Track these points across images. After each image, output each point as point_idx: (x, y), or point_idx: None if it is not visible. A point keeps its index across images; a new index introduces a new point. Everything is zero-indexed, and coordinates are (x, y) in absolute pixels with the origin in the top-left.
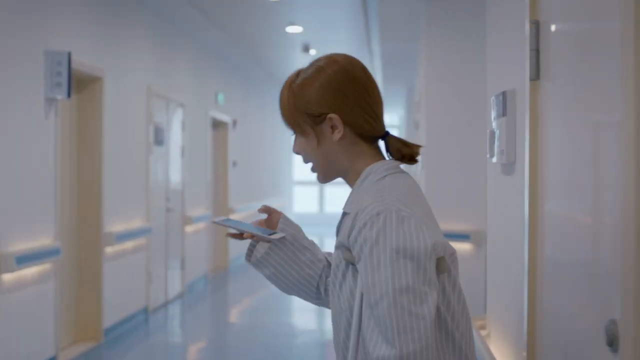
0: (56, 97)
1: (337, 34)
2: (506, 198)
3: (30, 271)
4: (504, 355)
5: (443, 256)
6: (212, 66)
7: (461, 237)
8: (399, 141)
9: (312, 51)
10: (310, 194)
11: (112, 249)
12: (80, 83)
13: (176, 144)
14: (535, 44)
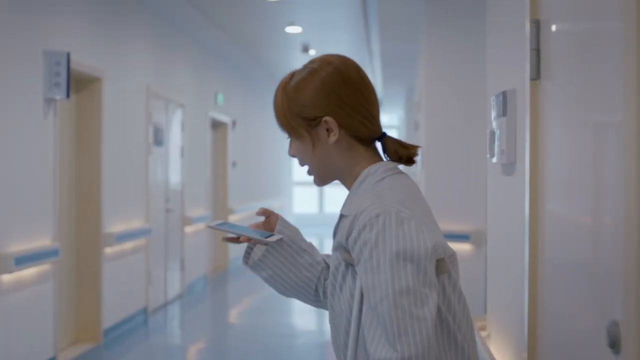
0: (55, 98)
1: (337, 34)
2: (506, 198)
3: (29, 272)
4: (505, 356)
5: (443, 257)
6: (212, 66)
7: (461, 238)
8: (396, 142)
9: (312, 51)
10: (310, 195)
11: (112, 250)
12: (79, 83)
13: (176, 145)
14: (535, 44)
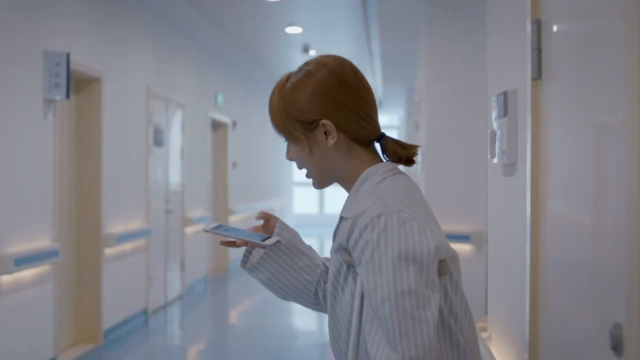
0: (55, 98)
1: (337, 35)
2: (507, 199)
3: (28, 273)
4: (506, 357)
5: (445, 259)
6: (212, 67)
7: (461, 238)
8: (396, 143)
9: (312, 52)
10: (310, 195)
11: (112, 251)
12: (79, 84)
13: (176, 145)
14: (536, 43)
